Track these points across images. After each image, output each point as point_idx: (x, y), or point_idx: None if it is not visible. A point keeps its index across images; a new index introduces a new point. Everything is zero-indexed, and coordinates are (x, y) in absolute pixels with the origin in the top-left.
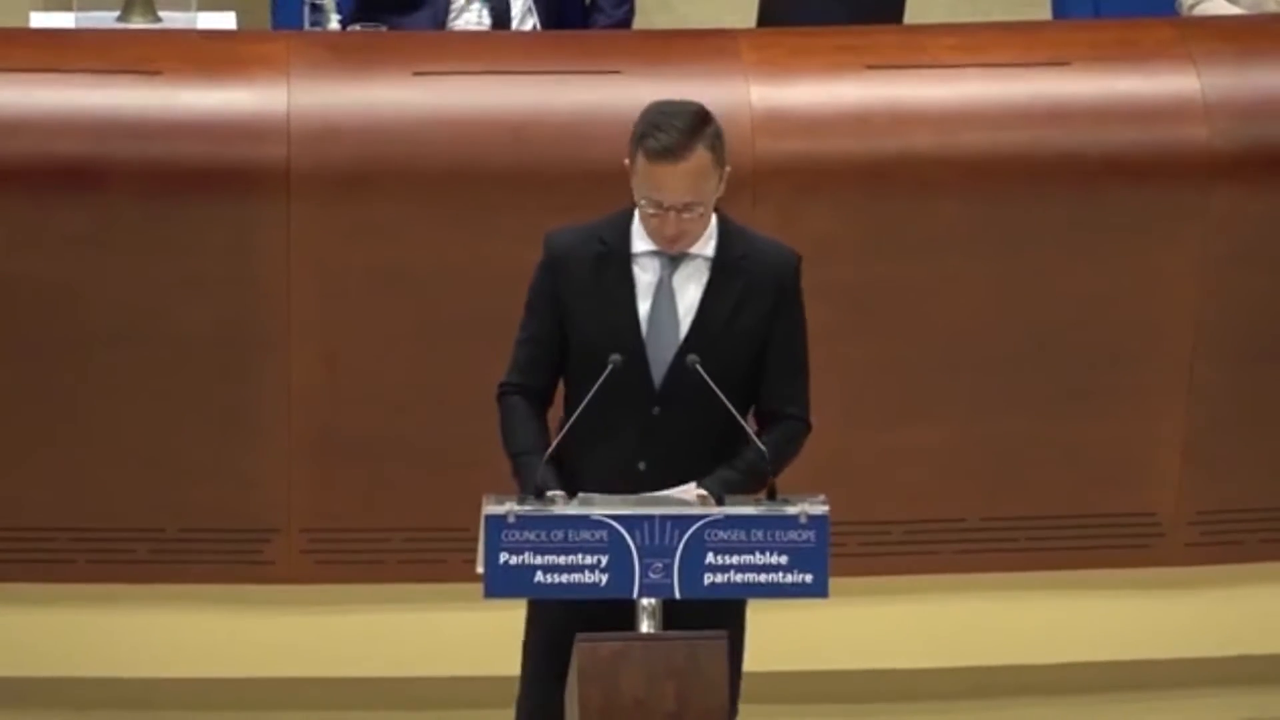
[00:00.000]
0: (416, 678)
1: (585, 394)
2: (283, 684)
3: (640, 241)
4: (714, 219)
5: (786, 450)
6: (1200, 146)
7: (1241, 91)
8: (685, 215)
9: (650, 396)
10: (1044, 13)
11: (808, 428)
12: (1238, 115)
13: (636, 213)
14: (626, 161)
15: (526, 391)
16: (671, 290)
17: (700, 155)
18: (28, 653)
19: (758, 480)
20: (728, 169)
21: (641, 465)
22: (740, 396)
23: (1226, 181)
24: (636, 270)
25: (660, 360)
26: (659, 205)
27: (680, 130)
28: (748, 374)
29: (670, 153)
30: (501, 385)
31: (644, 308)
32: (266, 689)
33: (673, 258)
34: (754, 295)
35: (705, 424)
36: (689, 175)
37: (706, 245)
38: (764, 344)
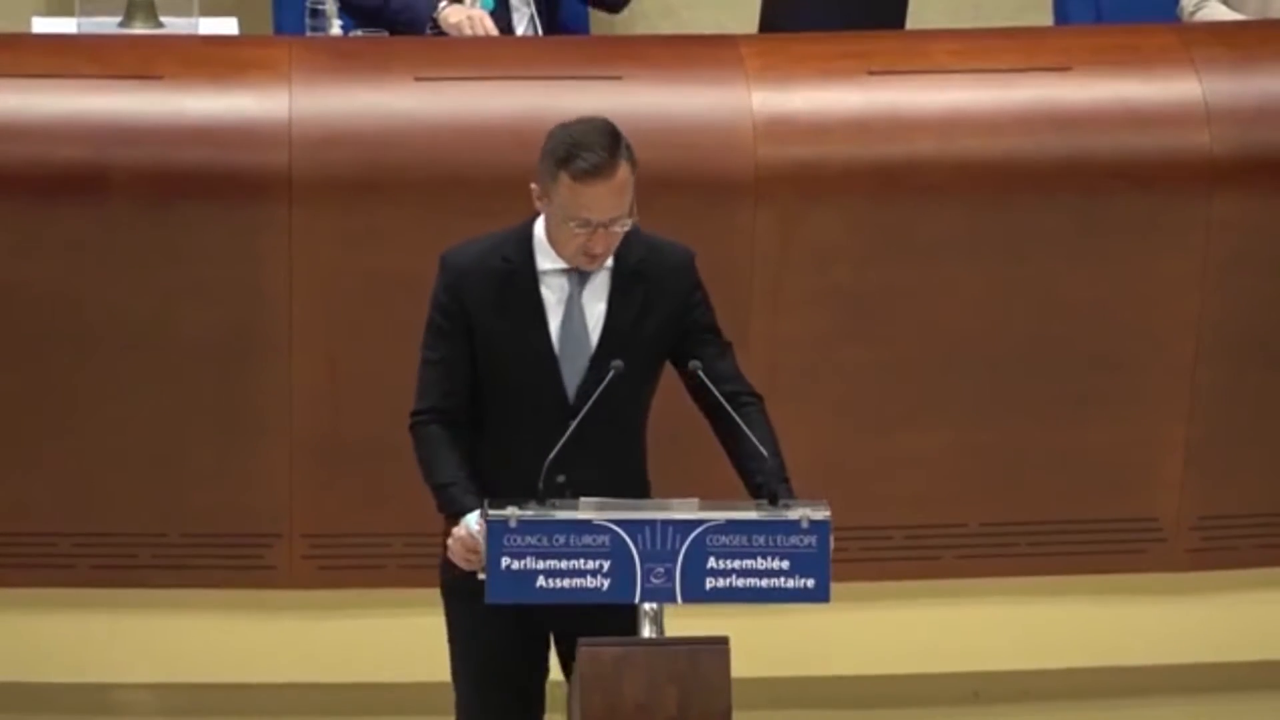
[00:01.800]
0: (418, 683)
1: (495, 411)
2: (284, 689)
3: (545, 260)
4: None
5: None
6: (1202, 151)
7: (1243, 97)
8: (614, 229)
9: (566, 411)
10: (1046, 18)
11: (762, 399)
12: (1239, 120)
13: (538, 230)
14: (534, 185)
15: (444, 418)
16: (581, 305)
17: (623, 168)
18: (29, 658)
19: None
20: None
21: (561, 479)
22: (648, 400)
23: (1228, 186)
24: (544, 290)
25: (574, 374)
26: (588, 223)
27: (603, 148)
28: (655, 375)
29: (599, 171)
30: (415, 414)
31: (554, 324)
32: (268, 694)
33: (581, 274)
34: (657, 297)
35: (620, 434)
36: (617, 190)
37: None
38: (673, 342)
